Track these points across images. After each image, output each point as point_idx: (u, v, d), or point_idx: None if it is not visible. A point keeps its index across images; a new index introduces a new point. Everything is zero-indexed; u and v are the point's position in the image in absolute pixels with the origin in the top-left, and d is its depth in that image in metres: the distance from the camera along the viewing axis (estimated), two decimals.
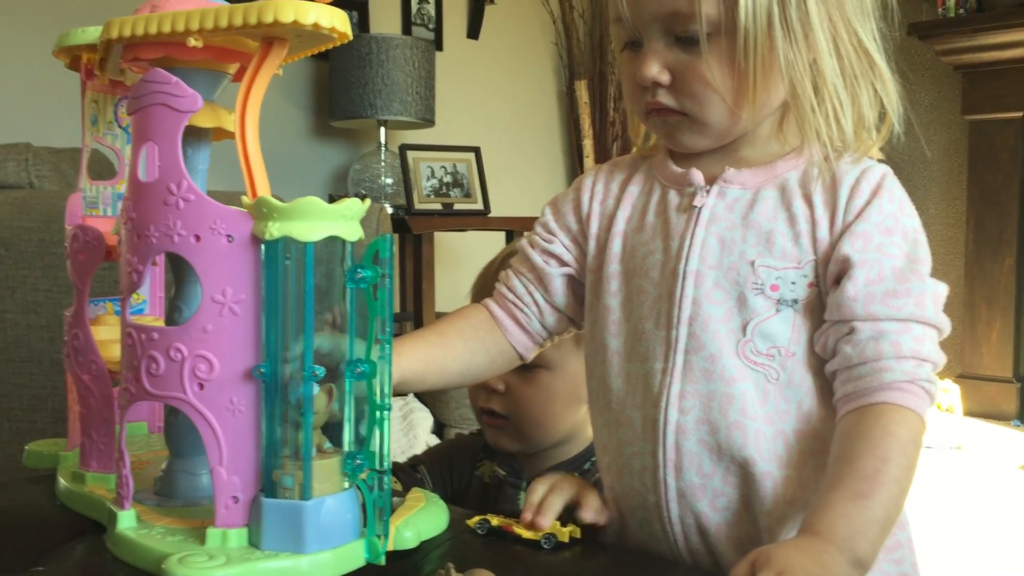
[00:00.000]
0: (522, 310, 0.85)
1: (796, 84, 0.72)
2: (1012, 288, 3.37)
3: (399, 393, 0.77)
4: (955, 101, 3.52)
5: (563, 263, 0.85)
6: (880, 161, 0.77)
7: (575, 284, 0.86)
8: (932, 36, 3.34)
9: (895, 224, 0.72)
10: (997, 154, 3.38)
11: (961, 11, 3.33)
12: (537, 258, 0.86)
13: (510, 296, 0.86)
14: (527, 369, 1.02)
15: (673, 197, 0.79)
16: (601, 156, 4.12)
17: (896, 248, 0.72)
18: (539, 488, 0.78)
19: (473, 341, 0.84)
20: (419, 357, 0.80)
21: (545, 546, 0.73)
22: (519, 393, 1.04)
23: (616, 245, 0.81)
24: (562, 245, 0.85)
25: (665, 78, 0.74)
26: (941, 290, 0.72)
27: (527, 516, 0.75)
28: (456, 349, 0.83)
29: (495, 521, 0.74)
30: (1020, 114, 3.31)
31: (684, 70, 0.73)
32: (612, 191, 0.84)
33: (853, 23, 0.73)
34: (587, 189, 0.86)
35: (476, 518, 0.75)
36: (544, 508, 0.75)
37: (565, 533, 0.73)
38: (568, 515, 0.77)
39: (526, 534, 0.73)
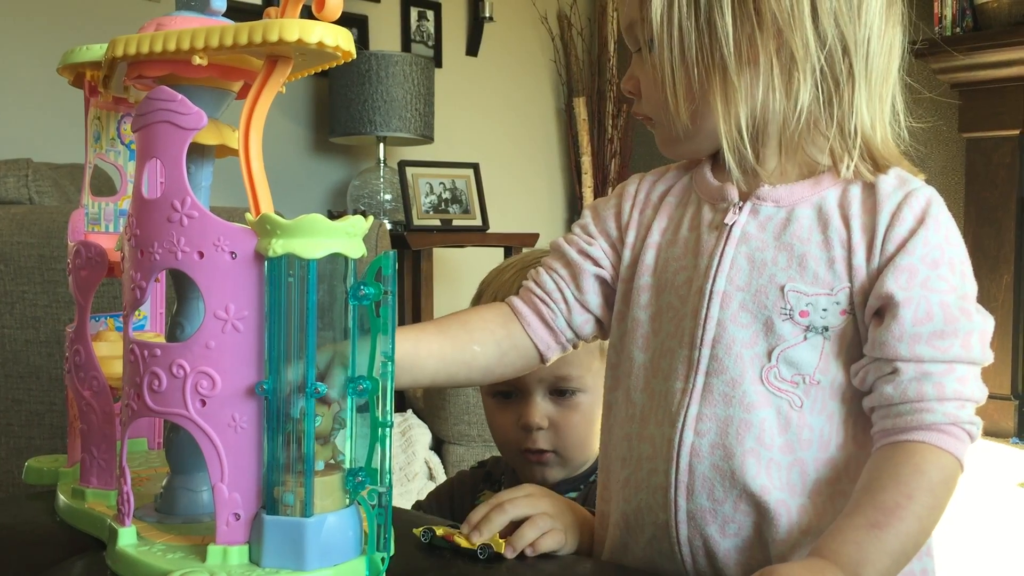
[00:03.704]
0: (548, 305, 0.83)
1: (707, 97, 0.73)
2: (1009, 306, 3.37)
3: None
4: (952, 119, 3.54)
5: (599, 264, 0.83)
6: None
7: (607, 288, 0.84)
8: (929, 55, 3.36)
9: (941, 256, 0.70)
10: (994, 172, 3.40)
11: (958, 30, 3.35)
12: (574, 255, 0.84)
13: (538, 291, 0.84)
14: (564, 397, 1.00)
15: (707, 212, 0.78)
16: (599, 173, 4.14)
17: (943, 282, 0.69)
18: (481, 508, 0.77)
19: (479, 332, 0.82)
20: (411, 338, 0.77)
21: (481, 556, 0.73)
22: (563, 423, 1.01)
23: (649, 257, 0.80)
24: (600, 249, 0.84)
25: (630, 85, 0.78)
26: (988, 327, 0.70)
27: (464, 530, 0.75)
28: (458, 340, 0.81)
29: (439, 531, 0.74)
30: (1017, 132, 3.33)
31: (641, 78, 0.77)
32: (652, 201, 0.84)
33: (784, 33, 0.71)
34: (629, 197, 0.85)
35: (421, 527, 0.74)
36: (482, 526, 0.75)
37: (501, 544, 0.73)
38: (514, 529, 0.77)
39: (464, 544, 0.73)
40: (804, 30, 0.71)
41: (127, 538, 0.65)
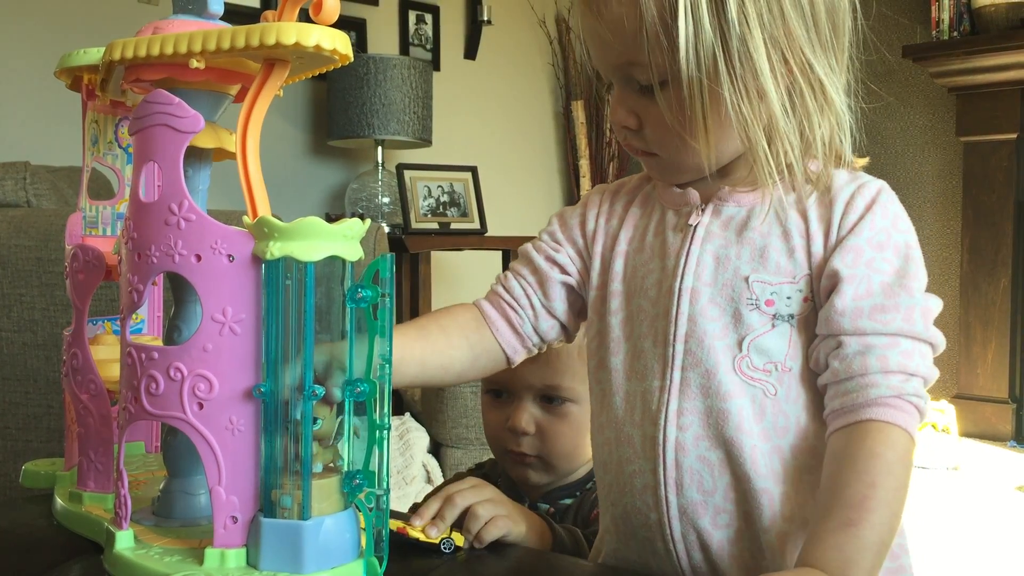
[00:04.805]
0: (516, 311, 0.85)
1: (747, 131, 0.71)
2: (1007, 309, 3.38)
3: None
4: (949, 123, 3.55)
5: (565, 272, 0.86)
6: (865, 169, 0.78)
7: (573, 294, 0.86)
8: (926, 58, 3.37)
9: (887, 239, 0.73)
10: (991, 175, 3.40)
11: (955, 34, 3.35)
12: (541, 263, 0.86)
13: (506, 296, 0.86)
14: (554, 405, 1.01)
15: (671, 217, 0.80)
16: (597, 176, 4.14)
17: (887, 264, 0.72)
18: (432, 503, 0.79)
19: (456, 338, 0.84)
20: (396, 344, 0.78)
21: (445, 550, 0.74)
22: (550, 431, 1.01)
23: (618, 265, 0.82)
24: (567, 256, 0.86)
25: (632, 122, 0.76)
26: (932, 305, 0.72)
27: (416, 523, 0.76)
28: (437, 344, 0.82)
29: (392, 525, 0.74)
30: (1014, 135, 3.33)
31: (647, 116, 0.75)
32: (617, 211, 0.85)
33: (808, 57, 0.72)
34: (594, 206, 0.87)
35: None
36: (438, 520, 0.77)
37: (460, 537, 0.75)
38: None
39: (423, 538, 0.74)
40: (829, 51, 0.72)
41: (124, 541, 0.65)
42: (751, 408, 0.73)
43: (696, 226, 0.77)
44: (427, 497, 0.83)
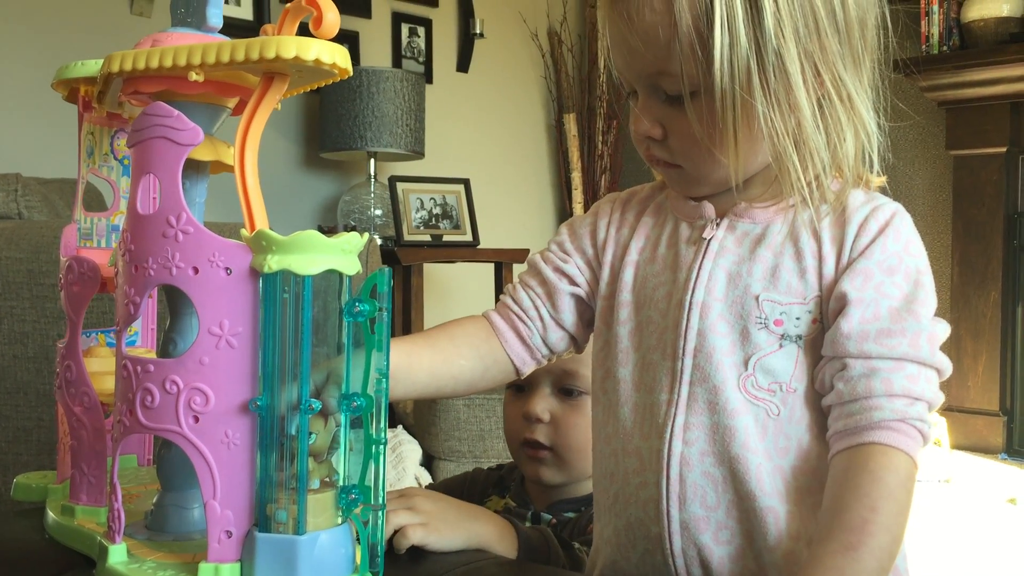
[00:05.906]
0: (525, 323, 0.85)
1: (776, 144, 0.71)
2: (997, 321, 3.39)
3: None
4: (939, 136, 3.57)
5: (574, 283, 0.85)
6: (881, 189, 0.77)
7: (582, 305, 0.86)
8: (916, 72, 3.38)
9: (898, 263, 0.72)
10: (981, 189, 3.42)
11: (944, 48, 3.38)
12: (550, 274, 0.86)
13: (515, 308, 0.86)
14: (571, 396, 1.02)
15: (684, 229, 0.80)
16: (589, 189, 4.15)
17: (896, 289, 0.71)
18: (403, 515, 0.78)
19: (466, 348, 0.83)
20: (404, 351, 0.78)
21: None
22: (565, 421, 1.02)
23: (628, 275, 0.81)
24: (575, 266, 0.85)
25: (657, 132, 0.75)
26: (939, 331, 0.72)
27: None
28: (446, 353, 0.82)
29: None
30: (1003, 149, 3.35)
31: (673, 126, 0.74)
32: (628, 220, 0.85)
33: (840, 72, 0.72)
34: (604, 215, 0.86)
35: None
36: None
37: None
38: None
39: None
40: (860, 66, 0.73)
41: (117, 555, 0.65)
42: (754, 427, 0.73)
43: (710, 240, 0.77)
44: None
